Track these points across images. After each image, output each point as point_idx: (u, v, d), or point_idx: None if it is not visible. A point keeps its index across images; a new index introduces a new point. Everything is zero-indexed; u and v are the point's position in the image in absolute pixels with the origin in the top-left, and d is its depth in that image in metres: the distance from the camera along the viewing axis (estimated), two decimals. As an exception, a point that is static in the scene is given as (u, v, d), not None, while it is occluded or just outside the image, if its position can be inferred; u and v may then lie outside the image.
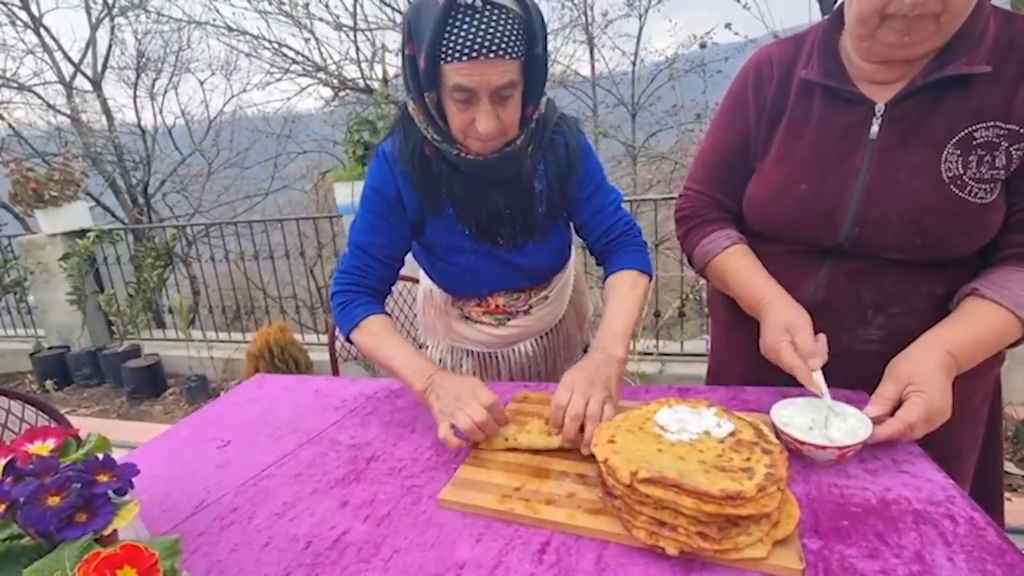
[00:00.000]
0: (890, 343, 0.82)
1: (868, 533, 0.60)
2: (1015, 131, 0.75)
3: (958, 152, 0.77)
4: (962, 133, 0.77)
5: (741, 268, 0.94)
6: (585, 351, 1.28)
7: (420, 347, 1.62)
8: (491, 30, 0.77)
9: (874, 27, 0.75)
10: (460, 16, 0.77)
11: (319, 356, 3.46)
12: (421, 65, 0.82)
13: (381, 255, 1.01)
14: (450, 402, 0.82)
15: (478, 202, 0.98)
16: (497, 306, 1.13)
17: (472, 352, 1.21)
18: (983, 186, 0.77)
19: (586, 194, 1.04)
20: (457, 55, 0.78)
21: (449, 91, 0.82)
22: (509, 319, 1.15)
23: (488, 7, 0.77)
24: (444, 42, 0.78)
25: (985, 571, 0.54)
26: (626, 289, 1.00)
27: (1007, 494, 1.93)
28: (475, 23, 0.77)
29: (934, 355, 0.75)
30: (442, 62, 0.80)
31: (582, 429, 0.76)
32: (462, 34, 0.77)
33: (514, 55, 0.79)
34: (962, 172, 0.77)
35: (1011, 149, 0.76)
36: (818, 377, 0.78)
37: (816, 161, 0.87)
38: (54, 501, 0.52)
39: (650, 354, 3.08)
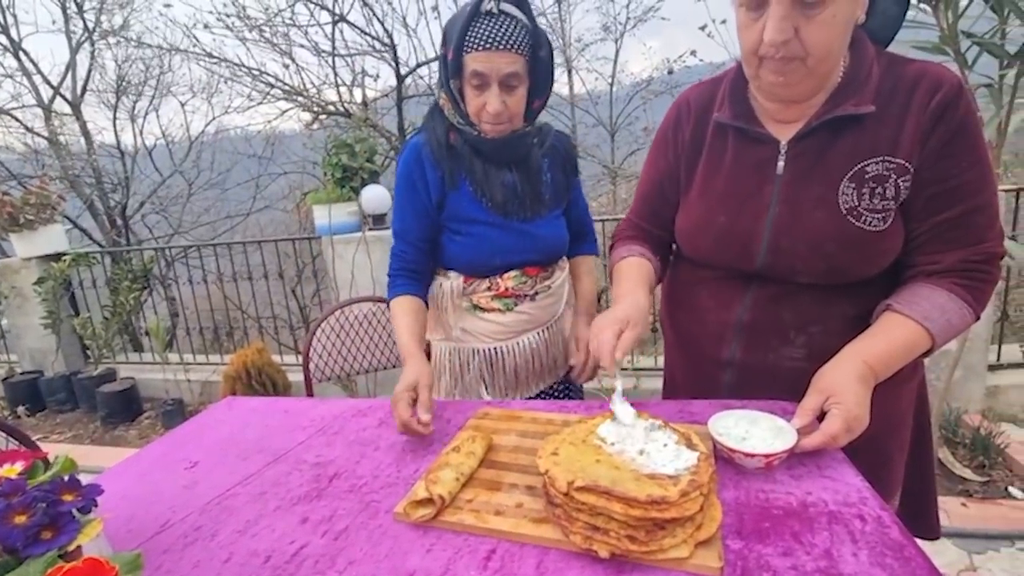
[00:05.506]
0: (812, 360, 0.88)
1: (785, 533, 0.65)
2: (902, 165, 0.83)
3: (853, 185, 0.85)
4: (855, 168, 0.85)
5: (620, 276, 1.08)
6: None
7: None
8: (503, 29, 1.06)
9: (755, 67, 0.84)
10: (481, 19, 1.06)
11: (299, 377, 3.46)
12: (449, 57, 1.09)
13: (415, 239, 1.23)
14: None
15: (494, 179, 1.21)
16: (507, 288, 1.24)
17: (478, 350, 1.28)
18: (876, 215, 0.85)
19: (575, 195, 1.38)
20: (476, 46, 1.06)
21: (468, 78, 1.09)
22: (517, 303, 1.26)
23: (503, 15, 1.07)
24: (468, 38, 1.06)
25: (884, 564, 0.60)
26: (590, 269, 1.43)
27: (962, 499, 2.03)
28: (492, 25, 1.06)
29: (851, 367, 0.81)
30: (465, 53, 1.07)
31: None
32: (482, 31, 1.06)
33: (519, 51, 1.08)
34: (857, 203, 0.85)
35: (899, 181, 0.84)
36: (617, 382, 0.87)
37: (732, 196, 0.94)
38: (21, 520, 0.55)
39: (625, 369, 3.13)
